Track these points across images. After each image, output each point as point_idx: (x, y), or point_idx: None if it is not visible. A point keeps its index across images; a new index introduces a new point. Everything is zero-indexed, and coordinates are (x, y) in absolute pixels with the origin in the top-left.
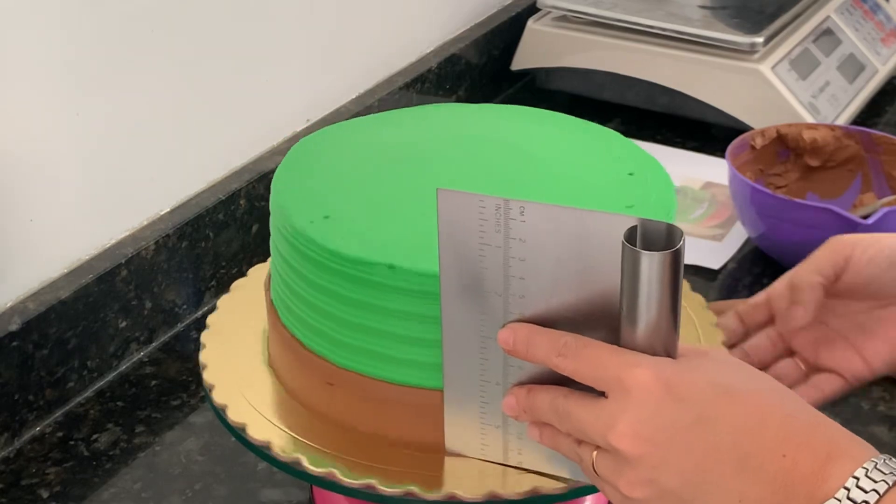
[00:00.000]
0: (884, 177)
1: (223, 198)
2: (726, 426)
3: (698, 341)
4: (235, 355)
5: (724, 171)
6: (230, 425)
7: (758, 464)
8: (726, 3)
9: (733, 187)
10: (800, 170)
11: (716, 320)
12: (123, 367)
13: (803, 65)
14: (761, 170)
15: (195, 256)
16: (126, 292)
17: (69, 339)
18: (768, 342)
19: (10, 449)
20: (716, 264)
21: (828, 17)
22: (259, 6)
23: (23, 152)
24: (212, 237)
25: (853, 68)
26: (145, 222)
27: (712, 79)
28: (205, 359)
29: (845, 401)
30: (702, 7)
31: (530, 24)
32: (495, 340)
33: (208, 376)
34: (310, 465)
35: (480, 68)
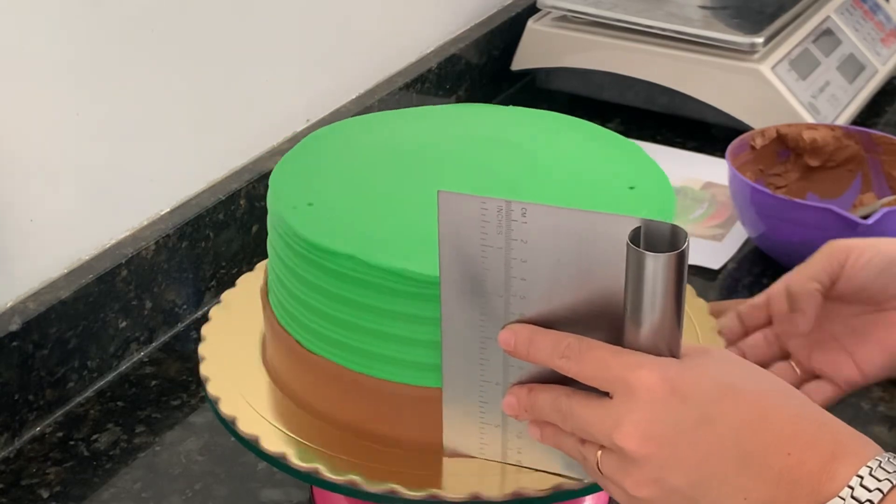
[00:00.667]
0: (884, 177)
1: (223, 198)
2: (731, 425)
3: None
4: (233, 349)
5: (724, 171)
6: (222, 418)
7: (762, 462)
8: (726, 3)
9: (733, 187)
10: (800, 170)
11: (718, 327)
12: (123, 367)
13: (803, 65)
14: (761, 170)
15: (195, 256)
16: (126, 292)
17: (69, 339)
18: (764, 343)
19: (11, 449)
20: (716, 264)
21: (828, 18)
22: (259, 6)
23: (23, 152)
24: (212, 237)
25: (853, 68)
26: (145, 222)
27: (712, 79)
28: (203, 351)
29: (846, 401)
30: (702, 7)
31: (530, 24)
32: (495, 341)
33: (205, 369)
34: (295, 459)
35: (480, 68)
